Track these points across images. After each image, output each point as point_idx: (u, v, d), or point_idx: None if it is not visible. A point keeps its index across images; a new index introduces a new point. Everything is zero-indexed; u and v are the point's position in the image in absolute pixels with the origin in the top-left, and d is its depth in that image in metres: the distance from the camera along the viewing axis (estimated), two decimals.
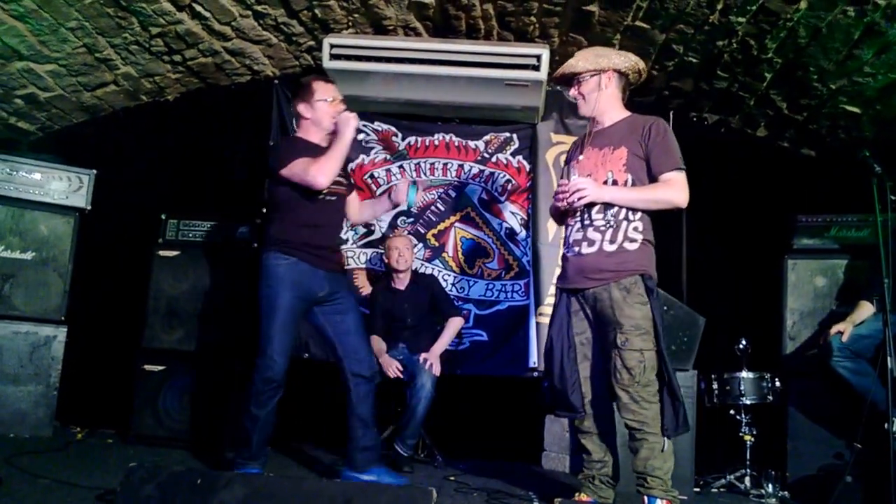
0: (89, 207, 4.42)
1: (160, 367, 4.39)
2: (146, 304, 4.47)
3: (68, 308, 4.36)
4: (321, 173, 3.22)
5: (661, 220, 3.09)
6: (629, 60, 3.16)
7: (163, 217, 4.60)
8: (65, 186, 4.39)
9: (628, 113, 3.20)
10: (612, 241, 3.00)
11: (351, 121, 3.32)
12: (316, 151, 3.33)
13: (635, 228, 3.00)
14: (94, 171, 4.44)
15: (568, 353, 3.09)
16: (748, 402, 4.11)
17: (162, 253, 4.54)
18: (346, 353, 3.43)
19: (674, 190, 2.97)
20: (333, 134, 3.37)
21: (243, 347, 4.35)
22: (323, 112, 3.41)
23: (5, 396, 4.13)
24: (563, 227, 3.25)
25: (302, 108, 3.46)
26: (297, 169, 3.23)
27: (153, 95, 5.13)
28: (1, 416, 4.10)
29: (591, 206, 3.04)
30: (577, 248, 3.07)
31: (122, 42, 4.42)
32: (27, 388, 4.19)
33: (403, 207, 3.81)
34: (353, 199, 3.73)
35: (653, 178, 3.02)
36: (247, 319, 4.39)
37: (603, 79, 3.14)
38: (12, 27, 4.03)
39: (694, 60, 4.43)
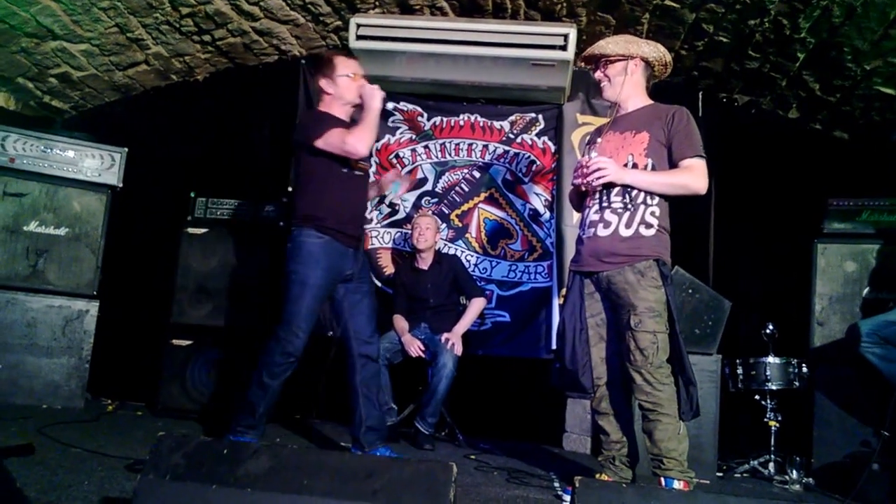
0: (121, 185, 4.47)
1: (188, 342, 4.46)
2: (175, 281, 4.54)
3: (100, 283, 4.42)
4: (359, 141, 3.18)
5: (688, 202, 3.06)
6: (658, 52, 3.13)
7: (192, 195, 4.66)
8: (97, 164, 4.45)
9: (651, 101, 3.18)
10: (628, 226, 2.98)
11: (376, 92, 3.29)
12: (343, 125, 3.32)
13: (652, 213, 2.98)
14: (126, 150, 4.49)
15: (580, 335, 3.09)
16: (774, 388, 4.08)
17: (191, 230, 4.60)
18: (356, 334, 3.43)
19: (694, 176, 2.94)
20: (357, 108, 3.36)
21: (269, 323, 4.42)
22: (345, 87, 3.38)
23: (39, 368, 4.21)
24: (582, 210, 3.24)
25: (324, 83, 3.42)
26: (334, 139, 3.20)
27: (183, 75, 5.20)
28: (34, 388, 4.19)
29: (610, 188, 3.03)
30: (592, 230, 3.06)
31: (153, 22, 4.48)
32: (60, 361, 4.27)
33: (389, 195, 3.75)
34: None
35: (673, 165, 3.00)
36: (272, 296, 4.46)
37: (630, 65, 3.11)
38: (46, 7, 4.11)
39: (724, 40, 4.36)
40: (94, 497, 2.31)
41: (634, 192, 2.99)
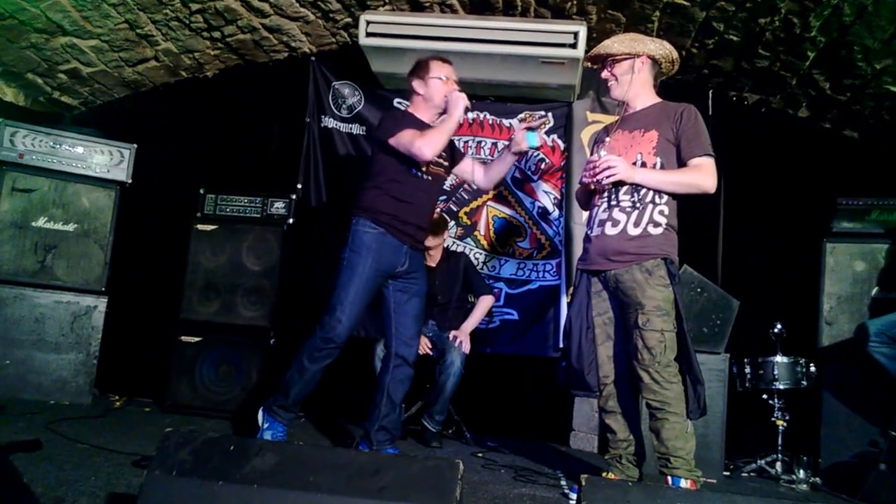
0: (130, 181, 4.48)
1: (197, 339, 4.46)
2: (184, 277, 4.54)
3: (108, 279, 4.43)
4: (427, 145, 3.16)
5: (697, 201, 3.06)
6: (664, 49, 3.12)
7: (201, 191, 4.66)
8: (106, 160, 4.46)
9: (659, 99, 3.17)
10: (636, 224, 2.98)
11: (461, 101, 3.29)
12: (422, 127, 3.32)
13: (661, 212, 2.98)
14: (135, 146, 4.50)
15: (586, 334, 3.10)
16: (782, 387, 4.07)
17: (200, 227, 4.59)
18: (398, 334, 3.43)
19: (703, 175, 2.94)
20: (443, 113, 3.38)
21: (277, 320, 4.43)
22: (435, 89, 3.39)
23: (47, 364, 4.23)
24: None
25: (416, 83, 3.44)
26: (405, 139, 3.21)
27: (193, 71, 5.21)
28: (42, 383, 4.20)
29: (619, 186, 3.03)
30: (601, 229, 3.06)
31: (163, 18, 4.49)
32: (68, 357, 4.28)
33: (530, 151, 3.67)
34: (469, 164, 3.66)
35: (682, 164, 2.99)
36: (282, 293, 4.47)
37: (636, 63, 3.11)
38: (56, 2, 4.13)
39: (735, 38, 4.35)
40: (100, 492, 2.32)
41: (643, 191, 2.99)
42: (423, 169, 3.36)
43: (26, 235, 4.28)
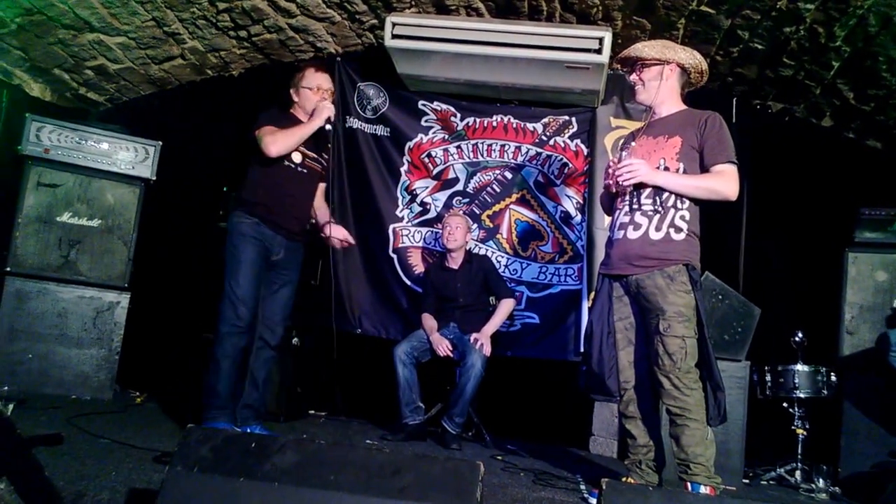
0: (154, 178, 4.51)
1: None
2: (207, 275, 4.56)
3: (131, 275, 4.45)
4: (273, 143, 3.38)
5: (720, 208, 3.06)
6: (694, 59, 3.12)
7: (224, 189, 4.69)
8: (131, 157, 4.49)
9: (685, 106, 3.17)
10: (658, 229, 2.98)
11: (324, 111, 3.52)
12: (291, 122, 3.54)
13: (682, 217, 2.98)
14: (160, 143, 4.53)
15: (607, 339, 3.10)
16: (802, 396, 4.05)
17: (223, 224, 4.61)
18: (265, 319, 3.58)
19: (725, 181, 2.93)
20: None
21: (299, 318, 4.44)
22: (305, 98, 3.63)
23: (69, 359, 4.26)
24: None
25: (292, 91, 3.68)
26: (261, 132, 3.42)
27: (218, 70, 5.24)
28: (64, 378, 4.23)
29: (640, 190, 3.03)
30: (622, 232, 3.07)
31: (190, 17, 4.51)
32: (90, 352, 4.31)
33: None
34: (319, 189, 3.86)
35: (704, 170, 2.99)
36: (303, 290, 4.47)
37: (665, 70, 3.11)
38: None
39: (759, 47, 4.34)
40: (121, 487, 2.33)
41: (665, 195, 2.99)
42: (297, 161, 3.54)
43: (51, 230, 4.31)
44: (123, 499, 2.25)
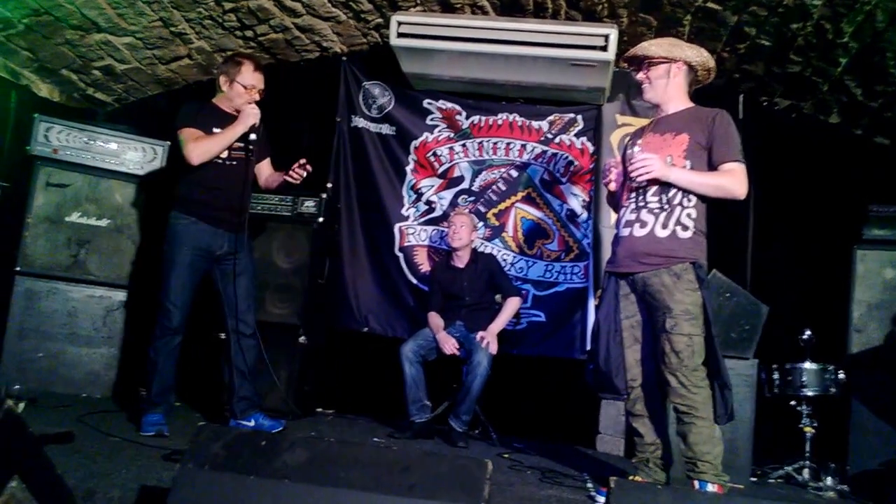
0: (162, 178, 4.53)
1: (225, 335, 4.49)
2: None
3: (140, 274, 4.47)
4: (195, 152, 3.39)
5: (727, 205, 3.05)
6: (701, 57, 3.12)
7: None
8: (139, 157, 4.51)
9: (692, 104, 3.17)
10: (664, 226, 2.98)
11: (250, 118, 3.48)
12: (215, 117, 3.53)
13: (689, 215, 2.97)
14: (168, 143, 4.55)
15: (614, 337, 3.09)
16: (810, 394, 4.04)
17: None
18: (230, 312, 3.62)
19: (734, 180, 2.93)
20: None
21: (307, 318, 4.45)
22: (236, 93, 3.59)
23: (79, 358, 4.29)
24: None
25: (223, 79, 3.60)
26: (183, 137, 3.42)
27: None
28: (74, 377, 4.26)
29: (646, 187, 3.03)
30: (629, 230, 3.07)
31: (197, 17, 4.53)
32: (99, 351, 4.34)
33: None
34: (265, 165, 3.86)
35: (712, 168, 2.98)
36: (311, 290, 4.49)
37: (673, 68, 3.11)
38: (92, 0, 4.17)
39: (766, 43, 4.33)
40: (132, 485, 2.34)
41: (671, 193, 2.99)
42: (224, 157, 3.52)
43: (60, 230, 4.34)
44: (134, 496, 2.26)
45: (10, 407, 1.65)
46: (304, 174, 3.69)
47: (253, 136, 3.55)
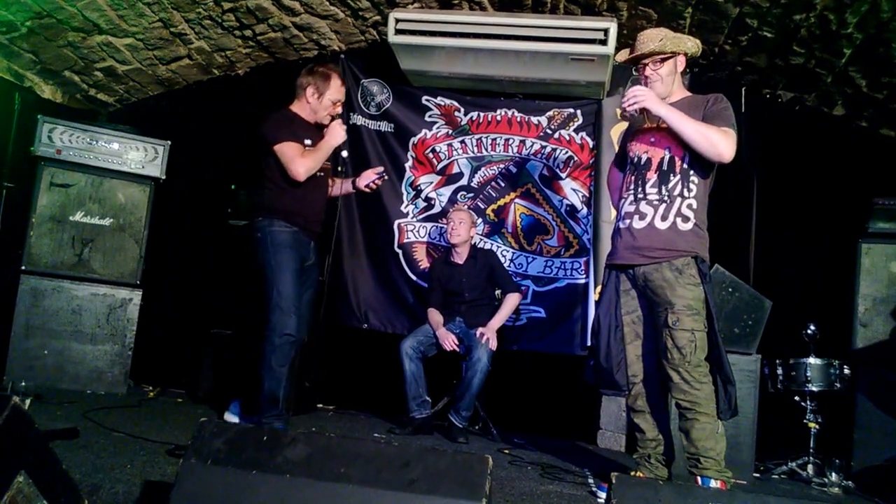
0: (164, 177, 4.56)
1: (228, 331, 4.53)
2: (217, 271, 4.62)
3: (143, 272, 4.51)
4: (302, 168, 3.42)
5: (729, 199, 3.02)
6: (698, 46, 3.12)
7: (232, 187, 4.72)
8: (141, 156, 4.54)
9: (689, 93, 3.17)
10: (664, 218, 2.96)
11: (339, 136, 3.54)
12: (302, 128, 3.55)
13: (689, 206, 2.95)
14: (169, 143, 4.57)
15: (615, 333, 3.08)
16: (814, 389, 4.02)
17: (232, 222, 4.66)
18: (303, 320, 3.59)
19: (724, 137, 2.86)
20: (321, 127, 3.60)
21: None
22: (324, 107, 3.62)
23: (83, 355, 4.32)
24: None
25: (310, 90, 3.61)
26: (286, 154, 3.42)
27: (225, 69, 5.27)
28: (79, 374, 4.30)
29: (645, 180, 3.02)
30: (628, 221, 3.05)
31: (196, 17, 4.54)
32: (104, 348, 4.37)
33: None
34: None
35: None
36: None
37: (678, 62, 3.11)
38: (92, 1, 4.20)
39: (769, 35, 4.29)
40: (136, 480, 2.37)
41: (671, 184, 2.97)
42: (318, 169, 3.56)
43: (64, 229, 4.37)
44: (139, 491, 2.29)
45: (17, 403, 1.67)
46: (381, 183, 3.84)
47: (345, 154, 3.68)
